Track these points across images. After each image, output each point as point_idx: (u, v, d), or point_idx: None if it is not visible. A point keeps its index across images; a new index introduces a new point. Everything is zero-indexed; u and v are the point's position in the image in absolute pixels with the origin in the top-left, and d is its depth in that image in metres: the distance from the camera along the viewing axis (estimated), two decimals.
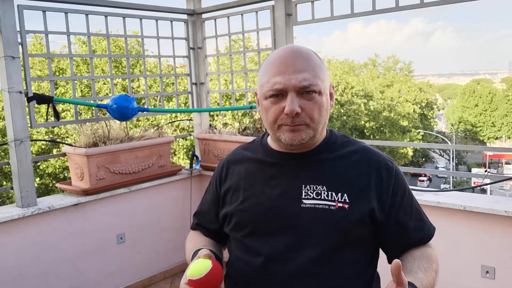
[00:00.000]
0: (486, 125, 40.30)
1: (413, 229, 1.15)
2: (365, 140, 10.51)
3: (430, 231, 1.18)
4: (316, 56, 1.10)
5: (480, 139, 40.57)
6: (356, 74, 26.23)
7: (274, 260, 1.08)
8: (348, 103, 21.06)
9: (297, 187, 1.10)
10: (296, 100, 1.03)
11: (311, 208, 1.07)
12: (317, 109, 1.06)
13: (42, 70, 12.58)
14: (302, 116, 1.04)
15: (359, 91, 22.17)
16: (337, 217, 1.06)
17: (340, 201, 1.07)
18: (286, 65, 1.04)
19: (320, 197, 1.07)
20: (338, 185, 1.09)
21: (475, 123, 40.82)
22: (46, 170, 11.76)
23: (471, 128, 40.92)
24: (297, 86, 1.03)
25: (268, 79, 1.06)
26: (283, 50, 1.08)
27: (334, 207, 1.06)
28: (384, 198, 1.11)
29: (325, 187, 1.08)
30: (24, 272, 2.59)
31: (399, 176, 1.16)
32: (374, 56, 31.39)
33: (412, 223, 1.15)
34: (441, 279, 2.70)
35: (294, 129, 1.05)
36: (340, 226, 1.06)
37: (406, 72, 31.21)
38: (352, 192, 1.08)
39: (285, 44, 3.20)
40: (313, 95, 1.05)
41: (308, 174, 1.11)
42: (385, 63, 30.96)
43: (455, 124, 41.01)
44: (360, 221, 1.07)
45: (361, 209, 1.07)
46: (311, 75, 1.05)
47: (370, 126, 21.52)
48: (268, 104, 1.07)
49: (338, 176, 1.10)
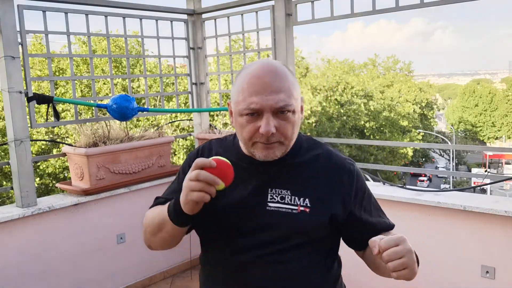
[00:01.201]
0: (486, 125, 40.32)
1: (376, 223, 1.24)
2: (365, 140, 10.56)
3: (391, 223, 1.28)
4: (290, 73, 1.14)
5: (480, 139, 40.58)
6: (356, 74, 26.19)
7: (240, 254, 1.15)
8: (348, 103, 21.05)
9: (264, 190, 1.15)
10: (271, 121, 1.07)
11: (275, 211, 1.13)
12: (291, 127, 1.11)
13: (42, 70, 12.57)
14: (277, 135, 1.09)
15: (359, 91, 22.15)
16: (299, 220, 1.12)
17: (302, 205, 1.12)
18: (263, 86, 1.07)
19: (284, 201, 1.13)
20: (302, 189, 1.14)
21: (475, 123, 40.83)
22: (46, 170, 11.75)
23: (471, 128, 40.93)
24: (274, 107, 1.07)
25: (244, 98, 1.08)
26: (260, 69, 1.10)
27: (296, 210, 1.12)
28: (347, 201, 1.18)
29: (289, 191, 1.14)
30: (24, 272, 2.59)
31: (360, 178, 1.23)
32: (374, 56, 31.39)
33: (374, 219, 1.24)
34: (441, 279, 2.71)
35: (268, 146, 1.10)
36: (301, 229, 1.12)
37: (406, 72, 31.18)
38: (314, 197, 1.14)
39: (285, 44, 3.20)
40: (287, 115, 1.09)
41: (275, 179, 1.16)
42: (385, 63, 30.94)
43: (455, 124, 41.01)
44: (320, 224, 1.14)
45: (322, 213, 1.13)
46: (287, 95, 1.08)
47: (370, 126, 21.50)
48: (244, 122, 1.10)
49: (302, 181, 1.16)
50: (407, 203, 2.66)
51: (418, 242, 2.67)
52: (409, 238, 1.08)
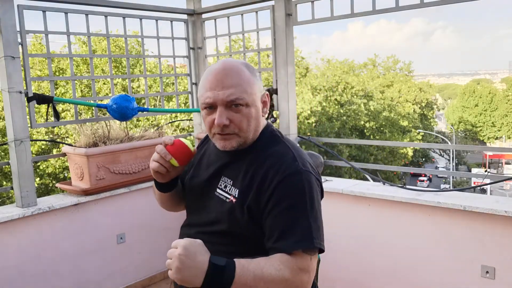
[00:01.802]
0: (486, 125, 40.31)
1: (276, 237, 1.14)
2: (365, 140, 10.55)
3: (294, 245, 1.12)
4: (247, 71, 1.22)
5: (480, 139, 40.57)
6: (356, 74, 26.15)
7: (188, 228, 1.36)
8: (348, 103, 21.03)
9: (218, 177, 1.29)
10: (224, 113, 1.18)
11: (217, 197, 1.27)
12: (245, 120, 1.20)
13: (42, 70, 12.56)
14: (231, 127, 1.20)
15: (359, 91, 22.13)
16: (226, 208, 1.22)
17: (233, 195, 1.23)
18: (216, 82, 1.19)
19: (225, 190, 1.25)
20: (239, 181, 1.23)
21: (475, 123, 40.82)
22: (46, 170, 11.75)
23: (471, 128, 40.92)
24: (225, 101, 1.18)
25: (202, 93, 1.22)
26: (216, 67, 1.22)
27: (228, 199, 1.23)
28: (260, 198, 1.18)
29: (232, 181, 1.25)
30: (24, 272, 2.59)
31: (289, 183, 1.16)
32: (374, 56, 31.38)
33: (278, 231, 1.14)
34: (441, 279, 2.71)
35: (225, 137, 1.22)
36: (225, 217, 1.22)
37: (406, 72, 31.16)
38: (242, 189, 1.21)
39: (285, 44, 3.20)
40: (240, 108, 1.19)
41: (228, 169, 1.28)
42: (385, 63, 30.91)
43: (455, 124, 40.99)
44: (241, 216, 1.20)
45: (242, 205, 1.20)
46: (238, 90, 1.18)
47: (370, 126, 21.47)
48: (204, 115, 1.24)
49: (241, 174, 1.24)
50: (407, 203, 2.66)
51: (418, 242, 2.67)
52: (409, 238, 1.08)
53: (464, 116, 41.12)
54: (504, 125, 39.54)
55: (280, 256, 1.11)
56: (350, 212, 2.94)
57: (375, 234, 2.85)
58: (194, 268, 1.04)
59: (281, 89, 3.27)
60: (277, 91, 3.30)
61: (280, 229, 1.14)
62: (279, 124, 3.40)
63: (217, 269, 1.04)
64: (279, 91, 3.30)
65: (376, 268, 2.84)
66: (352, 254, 2.94)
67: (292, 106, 3.32)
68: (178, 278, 1.04)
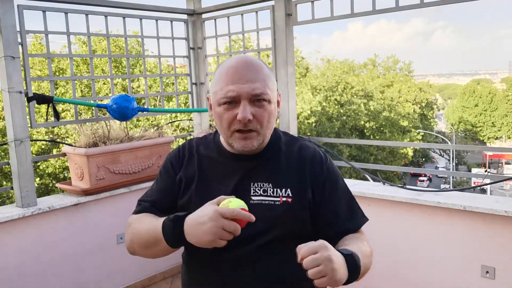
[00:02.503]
0: (486, 125, 40.30)
1: (344, 219, 1.24)
2: (365, 140, 10.58)
3: (360, 221, 1.27)
4: (266, 67, 1.21)
5: (480, 139, 40.57)
6: (356, 74, 26.15)
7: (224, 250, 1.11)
8: (348, 103, 21.03)
9: (246, 185, 1.20)
10: (248, 108, 1.13)
11: (258, 204, 1.17)
12: (267, 116, 1.17)
13: (42, 70, 12.56)
14: (253, 123, 1.14)
15: (359, 91, 22.14)
16: (282, 210, 1.17)
17: (284, 195, 1.18)
18: (239, 75, 1.13)
19: (267, 194, 1.19)
20: (282, 181, 1.20)
21: (475, 123, 40.81)
22: (46, 170, 11.75)
23: (471, 128, 40.91)
24: (250, 94, 1.13)
25: (222, 87, 1.14)
26: (236, 61, 1.17)
27: (278, 202, 1.18)
28: (316, 190, 1.22)
29: (271, 184, 1.20)
30: (24, 272, 2.59)
31: (331, 170, 1.27)
32: (374, 56, 31.37)
33: (343, 213, 1.25)
34: (441, 279, 2.71)
35: (246, 136, 1.16)
36: (283, 219, 1.17)
37: (406, 72, 31.15)
38: (295, 188, 1.20)
39: (285, 44, 3.20)
40: (263, 103, 1.15)
41: (256, 174, 1.21)
42: (385, 63, 30.90)
43: (455, 124, 40.98)
44: (301, 214, 1.19)
45: (303, 203, 1.19)
46: (262, 85, 1.14)
47: (370, 126, 21.47)
48: (222, 111, 1.15)
49: (282, 173, 1.21)
50: (407, 203, 2.66)
51: (418, 242, 2.67)
52: (409, 238, 1.09)
53: (464, 116, 41.12)
54: (504, 125, 39.54)
55: (354, 235, 1.21)
56: None
57: (375, 234, 2.84)
58: (341, 264, 0.98)
59: (281, 89, 3.27)
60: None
61: (342, 212, 1.24)
62: (279, 124, 3.40)
63: (351, 259, 1.02)
64: (279, 91, 3.29)
65: (376, 268, 2.84)
66: None
67: (292, 106, 3.32)
68: (336, 280, 0.95)
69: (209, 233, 1.01)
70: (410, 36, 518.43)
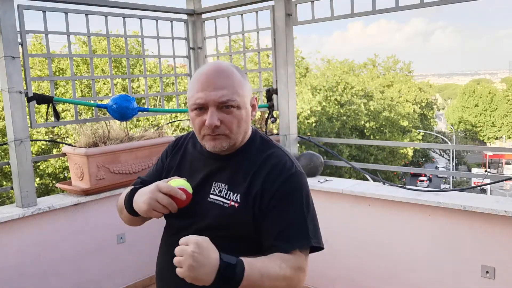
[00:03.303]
0: (486, 125, 40.30)
1: (275, 235, 1.18)
2: (365, 140, 10.60)
3: (296, 245, 1.17)
4: (239, 73, 1.23)
5: (480, 139, 40.56)
6: (356, 74, 26.14)
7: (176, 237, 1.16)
8: (348, 103, 21.03)
9: (209, 183, 1.27)
10: (215, 114, 1.18)
11: (211, 203, 1.24)
12: (236, 121, 1.20)
13: (42, 70, 12.56)
14: (222, 128, 1.19)
15: (359, 91, 22.13)
16: (227, 213, 1.21)
17: (233, 200, 1.22)
18: (208, 83, 1.18)
19: (221, 194, 1.24)
20: (237, 185, 1.23)
21: (475, 123, 40.80)
22: (46, 170, 11.75)
23: (471, 128, 40.90)
24: (216, 102, 1.18)
25: (193, 94, 1.21)
26: (208, 68, 1.22)
27: (227, 205, 1.21)
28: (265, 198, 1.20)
29: (227, 186, 1.24)
30: (24, 272, 2.59)
31: (290, 182, 1.22)
32: (374, 56, 31.37)
33: (278, 230, 1.19)
34: (441, 279, 2.71)
35: (215, 138, 1.21)
36: (227, 222, 1.21)
37: (406, 72, 31.15)
38: (245, 194, 1.21)
39: (285, 44, 3.20)
40: (231, 109, 1.19)
41: (220, 174, 1.27)
42: (385, 63, 30.89)
43: (455, 124, 40.98)
44: (245, 220, 1.20)
45: (247, 208, 1.20)
46: (230, 91, 1.18)
47: (370, 126, 21.46)
48: (193, 116, 1.22)
49: (241, 178, 1.24)
50: (407, 203, 2.66)
51: (418, 242, 2.67)
52: (409, 238, 1.08)
53: (464, 116, 41.11)
54: (504, 125, 39.53)
55: (281, 255, 1.15)
56: (350, 212, 2.94)
57: (375, 234, 2.85)
58: (207, 266, 1.01)
59: (281, 89, 3.28)
60: (277, 91, 3.30)
61: (280, 228, 1.18)
62: (279, 124, 3.40)
63: (228, 267, 1.03)
64: (279, 91, 3.30)
65: (376, 267, 2.84)
66: (352, 254, 2.94)
67: (292, 106, 3.32)
68: (191, 276, 1.00)
69: (146, 203, 1.18)
70: (410, 36, 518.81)
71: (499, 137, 40.04)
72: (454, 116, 42.31)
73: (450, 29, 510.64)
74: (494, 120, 39.99)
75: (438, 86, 72.43)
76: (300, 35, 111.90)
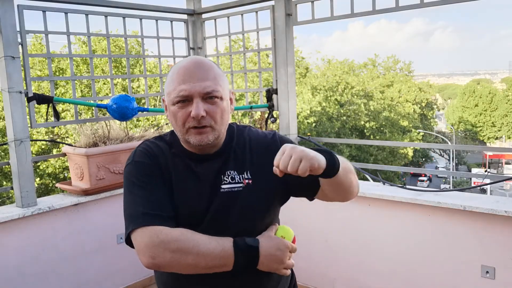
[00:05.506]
0: (486, 125, 40.29)
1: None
2: (365, 140, 10.60)
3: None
4: (217, 67, 1.25)
5: (480, 139, 40.56)
6: (356, 74, 26.13)
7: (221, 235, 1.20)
8: (348, 103, 21.04)
9: (217, 177, 1.24)
10: (201, 104, 1.17)
11: (226, 193, 1.23)
12: (220, 112, 1.20)
13: (42, 70, 12.57)
14: (207, 119, 1.18)
15: (359, 91, 22.14)
16: (245, 193, 1.23)
17: (246, 178, 1.25)
18: (190, 74, 1.18)
19: (235, 181, 1.25)
20: (242, 166, 1.26)
21: (475, 123, 40.80)
22: (46, 170, 11.76)
23: (471, 128, 40.90)
24: (202, 92, 1.17)
25: (175, 87, 1.19)
26: (187, 62, 1.22)
27: (242, 185, 1.24)
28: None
29: (235, 171, 1.25)
30: (24, 272, 2.59)
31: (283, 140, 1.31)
32: (374, 56, 31.34)
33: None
34: (441, 279, 2.71)
35: (201, 131, 1.19)
36: (248, 201, 1.23)
37: (406, 72, 31.12)
38: (253, 169, 1.26)
39: (285, 44, 3.20)
40: (215, 100, 1.19)
41: (224, 166, 1.26)
42: (385, 63, 30.86)
43: (455, 124, 40.98)
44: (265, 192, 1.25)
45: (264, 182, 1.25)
46: (213, 83, 1.19)
47: (370, 126, 21.48)
48: (176, 109, 1.19)
49: (241, 160, 1.27)
50: (407, 203, 2.66)
51: (418, 242, 2.67)
52: (409, 238, 1.08)
53: (464, 116, 41.11)
54: (504, 125, 39.53)
55: None
56: (350, 212, 2.94)
57: (375, 234, 2.85)
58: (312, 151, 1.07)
59: (281, 89, 3.28)
60: (277, 91, 3.30)
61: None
62: (279, 124, 3.40)
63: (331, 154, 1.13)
64: (279, 91, 3.30)
65: (376, 267, 2.84)
66: (352, 253, 2.94)
67: (292, 106, 3.32)
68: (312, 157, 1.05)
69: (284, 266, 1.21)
70: (410, 36, 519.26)
71: (499, 137, 40.04)
72: (454, 116, 42.31)
73: (450, 29, 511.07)
74: (494, 120, 39.98)
75: (438, 86, 72.44)
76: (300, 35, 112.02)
